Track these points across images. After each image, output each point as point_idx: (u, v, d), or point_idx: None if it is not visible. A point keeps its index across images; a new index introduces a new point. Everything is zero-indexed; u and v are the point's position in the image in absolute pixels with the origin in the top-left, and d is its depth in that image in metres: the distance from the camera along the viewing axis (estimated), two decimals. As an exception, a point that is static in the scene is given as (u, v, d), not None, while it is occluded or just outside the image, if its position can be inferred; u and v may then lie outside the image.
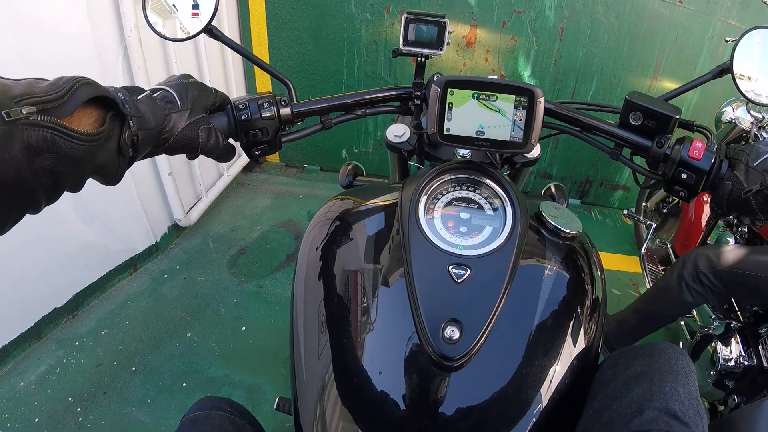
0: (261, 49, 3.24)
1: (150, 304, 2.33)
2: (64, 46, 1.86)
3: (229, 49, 1.49)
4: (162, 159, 2.44)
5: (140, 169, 2.37)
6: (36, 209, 0.55)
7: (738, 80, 0.90)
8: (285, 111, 0.86)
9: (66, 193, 0.59)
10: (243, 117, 0.82)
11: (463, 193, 0.85)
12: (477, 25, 3.05)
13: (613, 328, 2.18)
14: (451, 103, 0.81)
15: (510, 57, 3.15)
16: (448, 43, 0.89)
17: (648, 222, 2.70)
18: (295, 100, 0.90)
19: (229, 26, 3.06)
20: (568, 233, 0.85)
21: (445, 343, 0.65)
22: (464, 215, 0.81)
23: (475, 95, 0.81)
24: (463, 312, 0.69)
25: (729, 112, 2.29)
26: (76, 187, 0.60)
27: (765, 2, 2.19)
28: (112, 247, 2.37)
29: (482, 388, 0.70)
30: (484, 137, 0.83)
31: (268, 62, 3.16)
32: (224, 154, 0.83)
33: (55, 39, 1.82)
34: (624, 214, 2.73)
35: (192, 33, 0.87)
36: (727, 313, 1.95)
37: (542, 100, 0.81)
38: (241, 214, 3.08)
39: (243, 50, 0.93)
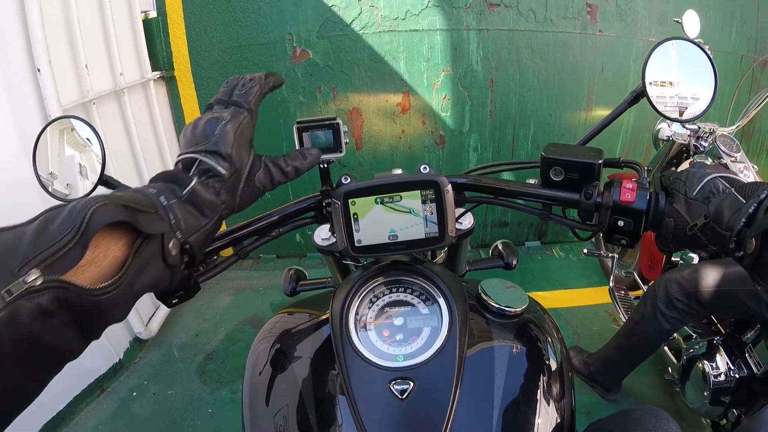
0: (199, 146, 3.37)
1: (123, 426, 2.34)
2: None
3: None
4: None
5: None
6: (72, 358, 0.53)
7: (656, 97, 0.88)
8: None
9: None
10: None
11: (395, 296, 0.83)
12: (408, 91, 3.26)
13: (600, 367, 2.27)
14: (356, 213, 0.78)
15: (446, 116, 3.35)
16: (346, 143, 0.87)
17: (609, 254, 2.82)
18: None
19: (162, 119, 3.21)
20: (514, 311, 0.86)
21: None
22: (398, 321, 0.79)
23: (379, 200, 0.77)
24: (414, 429, 0.69)
25: (665, 129, 2.43)
26: (119, 318, 0.56)
27: (677, 20, 2.37)
28: (74, 371, 2.37)
29: None
30: (398, 240, 0.80)
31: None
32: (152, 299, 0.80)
33: None
34: (585, 253, 2.86)
35: (85, 190, 0.82)
36: (707, 329, 2.02)
37: (449, 188, 0.77)
38: (203, 316, 3.13)
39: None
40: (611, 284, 2.79)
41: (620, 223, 0.78)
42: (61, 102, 2.18)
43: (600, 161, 0.80)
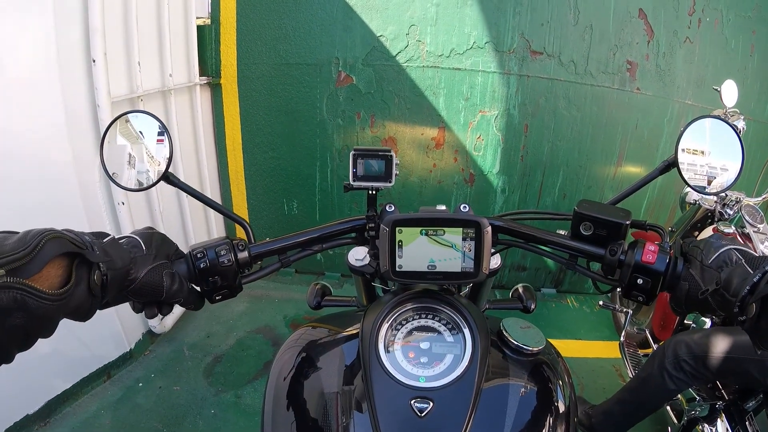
0: (235, 153, 3.52)
1: (125, 414, 2.40)
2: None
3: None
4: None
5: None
6: (8, 360, 0.59)
7: (687, 164, 0.93)
8: (243, 255, 0.90)
9: None
10: (202, 265, 0.85)
11: (423, 322, 0.90)
12: (444, 127, 3.37)
13: (601, 420, 2.27)
14: (401, 241, 0.85)
15: (478, 156, 3.45)
16: (396, 174, 0.96)
17: (624, 309, 2.84)
18: (253, 241, 0.96)
19: (204, 132, 3.34)
20: (531, 350, 0.92)
21: None
22: (424, 345, 0.85)
23: (423, 231, 0.85)
24: None
25: (692, 193, 2.46)
26: (48, 333, 0.64)
27: (716, 89, 2.43)
28: (84, 354, 2.47)
29: None
30: (436, 270, 0.87)
31: (242, 165, 3.42)
32: (189, 299, 0.87)
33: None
34: (600, 305, 2.89)
35: (148, 183, 0.92)
36: (711, 393, 2.03)
37: (489, 229, 0.85)
38: (217, 319, 3.22)
39: (200, 195, 0.97)
40: (622, 339, 2.81)
41: (639, 281, 0.85)
42: (111, 94, 2.29)
43: (628, 222, 0.88)
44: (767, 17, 3.53)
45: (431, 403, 0.76)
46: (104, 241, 0.73)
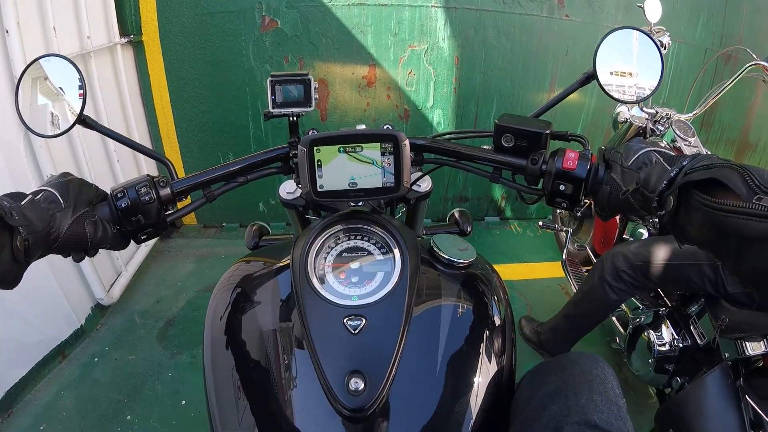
0: (164, 111, 3.42)
1: (84, 391, 2.39)
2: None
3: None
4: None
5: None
6: None
7: (616, 86, 0.94)
8: (164, 192, 0.90)
9: None
10: (123, 205, 0.85)
11: (353, 243, 0.91)
12: (375, 64, 3.36)
13: (549, 336, 2.40)
14: (320, 160, 0.86)
15: (411, 91, 3.47)
16: (316, 99, 0.98)
17: (564, 228, 2.98)
18: (176, 177, 0.96)
19: (130, 93, 3.22)
20: (462, 263, 0.93)
21: (350, 396, 0.70)
22: (354, 265, 0.87)
23: (342, 149, 0.85)
24: (364, 362, 0.74)
25: (624, 112, 2.52)
26: None
27: (639, 5, 2.48)
28: (36, 338, 2.43)
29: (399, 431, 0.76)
30: (357, 188, 0.88)
31: (173, 123, 3.33)
32: (116, 243, 0.88)
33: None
34: (540, 225, 3.02)
35: (64, 128, 0.92)
36: (654, 301, 2.15)
37: (407, 142, 0.86)
38: (165, 283, 3.20)
39: (119, 136, 0.97)
40: (564, 257, 2.93)
41: (561, 187, 0.88)
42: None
43: (548, 131, 0.91)
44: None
45: (364, 320, 0.77)
46: (22, 203, 0.72)
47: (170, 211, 0.95)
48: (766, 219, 0.55)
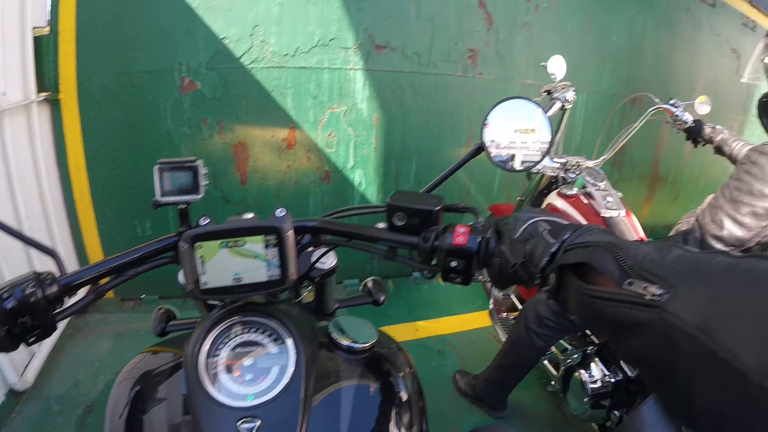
0: (79, 174, 3.25)
1: None
2: None
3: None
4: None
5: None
6: None
7: (521, 143, 0.97)
8: (51, 290, 0.83)
9: None
10: (9, 306, 0.78)
11: (246, 337, 0.87)
12: (295, 126, 3.38)
13: (484, 388, 2.48)
14: (202, 256, 0.82)
15: (331, 152, 3.51)
16: (205, 185, 0.93)
17: (487, 279, 3.07)
18: (64, 272, 0.87)
19: (44, 155, 3.06)
20: (362, 347, 0.92)
21: None
22: (248, 361, 0.83)
23: (224, 244, 0.81)
24: None
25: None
26: None
27: (543, 65, 2.58)
28: None
29: None
30: (242, 283, 0.84)
31: (87, 187, 3.18)
32: (4, 346, 0.81)
33: None
34: (463, 279, 3.10)
35: None
36: (582, 341, 2.20)
37: (290, 233, 0.83)
38: (82, 364, 3.02)
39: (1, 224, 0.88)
40: (491, 306, 3.02)
41: (453, 264, 0.84)
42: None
43: (437, 208, 0.89)
44: (600, -3, 3.92)
45: (259, 421, 0.75)
46: None
47: (58, 310, 0.86)
48: (636, 305, 0.53)
